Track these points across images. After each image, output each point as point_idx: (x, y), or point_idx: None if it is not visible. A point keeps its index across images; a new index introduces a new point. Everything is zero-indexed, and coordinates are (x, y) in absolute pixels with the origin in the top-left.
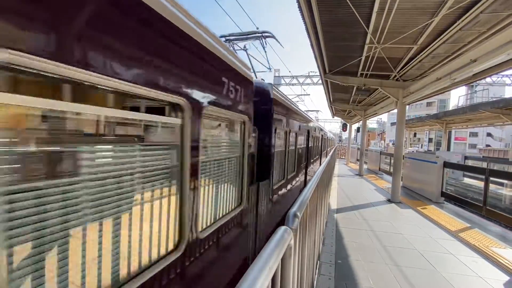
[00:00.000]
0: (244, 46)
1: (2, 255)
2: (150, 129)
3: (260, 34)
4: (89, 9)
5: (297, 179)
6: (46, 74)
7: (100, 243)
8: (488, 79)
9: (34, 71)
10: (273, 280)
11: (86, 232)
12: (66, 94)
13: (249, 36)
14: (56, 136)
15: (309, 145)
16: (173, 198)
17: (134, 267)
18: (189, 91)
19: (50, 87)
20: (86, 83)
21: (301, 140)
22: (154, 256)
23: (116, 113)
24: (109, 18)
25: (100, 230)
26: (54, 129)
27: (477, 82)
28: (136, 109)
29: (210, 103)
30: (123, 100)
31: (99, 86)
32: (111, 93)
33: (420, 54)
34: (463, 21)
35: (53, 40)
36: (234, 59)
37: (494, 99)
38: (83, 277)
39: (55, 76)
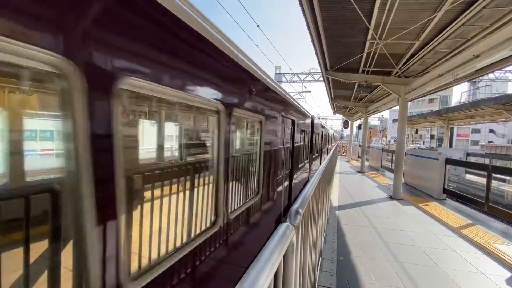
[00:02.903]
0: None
1: None
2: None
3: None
4: None
5: None
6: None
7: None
8: (490, 75)
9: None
10: (276, 276)
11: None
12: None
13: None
14: None
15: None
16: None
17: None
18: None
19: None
20: None
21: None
22: None
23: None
24: None
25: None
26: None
27: (480, 78)
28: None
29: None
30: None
31: None
32: None
33: (422, 50)
34: (465, 16)
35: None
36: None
37: (497, 95)
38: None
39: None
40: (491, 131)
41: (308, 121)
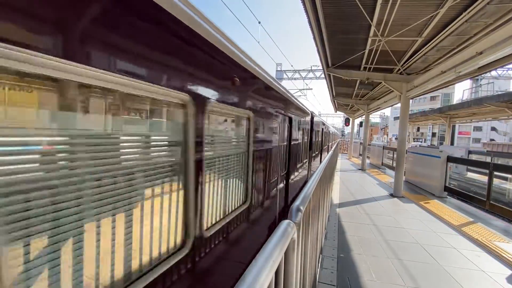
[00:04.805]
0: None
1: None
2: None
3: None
4: None
5: None
6: None
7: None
8: (493, 72)
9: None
10: (277, 273)
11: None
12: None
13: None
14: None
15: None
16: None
17: None
18: None
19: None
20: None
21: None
22: None
23: None
24: None
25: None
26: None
27: (482, 75)
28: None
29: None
30: None
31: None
32: None
33: (425, 47)
34: (469, 12)
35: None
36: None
37: (499, 93)
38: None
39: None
40: (493, 129)
41: (308, 118)
